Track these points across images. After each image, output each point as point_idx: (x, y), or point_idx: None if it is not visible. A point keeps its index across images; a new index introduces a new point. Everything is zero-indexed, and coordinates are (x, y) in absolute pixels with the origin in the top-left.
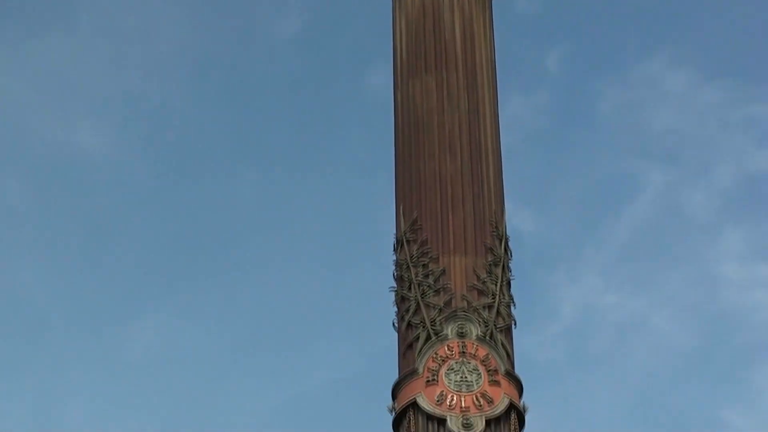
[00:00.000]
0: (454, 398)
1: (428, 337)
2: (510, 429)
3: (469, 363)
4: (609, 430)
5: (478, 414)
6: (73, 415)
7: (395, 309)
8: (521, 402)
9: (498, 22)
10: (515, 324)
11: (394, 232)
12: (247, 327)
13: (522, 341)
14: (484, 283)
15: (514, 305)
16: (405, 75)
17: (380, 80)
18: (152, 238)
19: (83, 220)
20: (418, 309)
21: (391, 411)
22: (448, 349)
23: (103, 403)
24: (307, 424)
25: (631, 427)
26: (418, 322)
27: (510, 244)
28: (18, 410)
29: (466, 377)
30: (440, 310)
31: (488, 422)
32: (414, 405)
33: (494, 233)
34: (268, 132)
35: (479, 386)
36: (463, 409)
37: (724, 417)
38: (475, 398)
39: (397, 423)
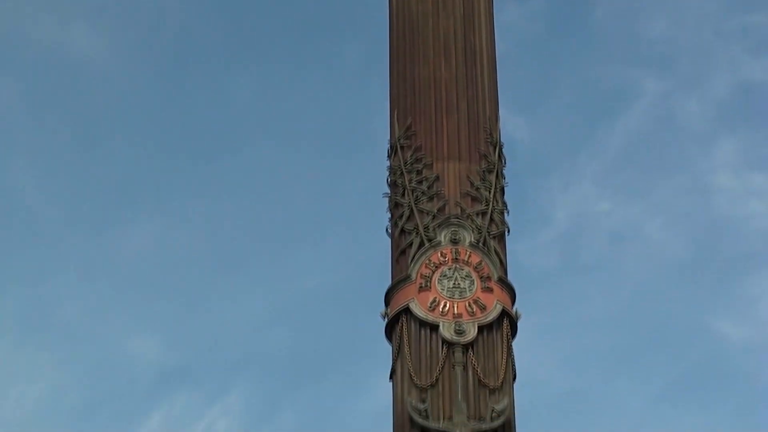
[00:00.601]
0: (447, 305)
1: (421, 244)
2: (502, 336)
3: (462, 269)
4: (601, 337)
5: (471, 320)
6: (66, 316)
7: (388, 215)
8: (514, 309)
9: None
10: (508, 231)
11: (388, 138)
12: (240, 231)
13: (515, 248)
14: (477, 189)
15: (508, 212)
16: None
17: None
18: (146, 141)
19: (77, 122)
20: (411, 215)
21: (384, 317)
22: (441, 256)
23: (96, 304)
24: (299, 330)
25: (623, 334)
26: (412, 228)
27: (504, 151)
28: (11, 310)
29: (458, 284)
30: (433, 216)
31: (480, 329)
32: (407, 311)
33: (488, 140)
34: (262, 36)
35: (472, 293)
36: (456, 315)
37: (716, 326)
38: (467, 305)
39: (389, 329)
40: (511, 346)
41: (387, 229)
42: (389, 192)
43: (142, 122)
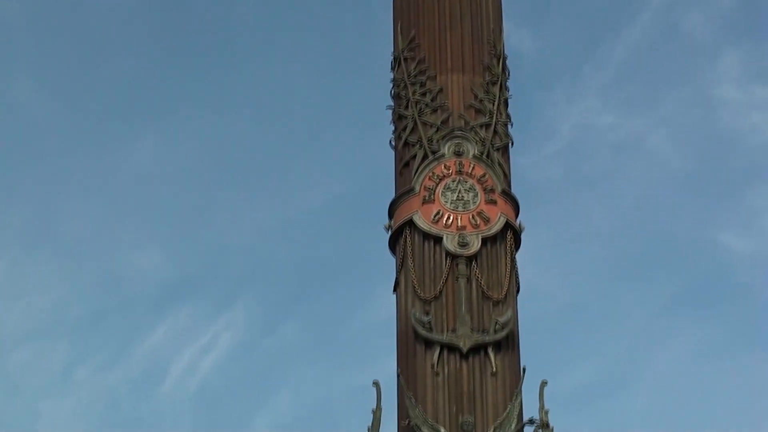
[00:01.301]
0: (451, 217)
1: (425, 156)
2: (506, 248)
3: (466, 182)
4: (604, 250)
5: (474, 233)
6: (70, 229)
7: (392, 128)
8: (517, 221)
9: None
10: (512, 143)
11: (392, 50)
12: (243, 144)
13: (519, 161)
14: (481, 101)
15: (511, 124)
16: None
17: None
18: (148, 57)
19: (79, 40)
20: (415, 127)
21: (388, 229)
22: (445, 168)
23: (101, 217)
24: (303, 242)
25: (626, 247)
26: (415, 140)
27: (507, 63)
28: (16, 224)
29: (462, 196)
30: (437, 128)
31: (484, 241)
32: (410, 223)
33: (492, 52)
34: None
35: (476, 205)
36: (459, 227)
37: (719, 238)
38: (471, 217)
39: (393, 241)
40: (514, 258)
41: (390, 142)
42: (393, 104)
43: (143, 38)
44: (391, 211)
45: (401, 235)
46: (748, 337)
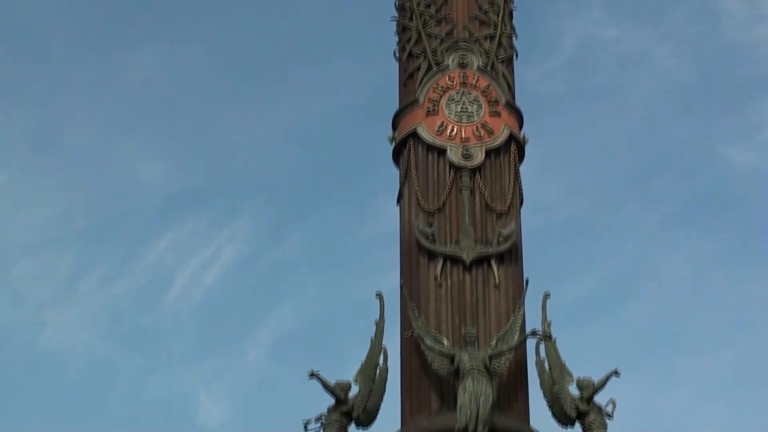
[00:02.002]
0: (455, 129)
1: (429, 68)
2: (510, 160)
3: (470, 94)
4: (608, 162)
5: (478, 144)
6: (73, 140)
7: (396, 39)
8: (521, 133)
9: None
10: (516, 55)
11: None
12: (248, 55)
13: (523, 73)
14: (486, 13)
15: (516, 36)
16: None
17: None
18: None
19: None
20: (419, 39)
21: (391, 141)
22: (449, 80)
23: (104, 128)
24: (307, 154)
25: (630, 160)
26: (420, 52)
27: None
28: (19, 135)
29: (466, 108)
30: (442, 40)
31: (488, 153)
32: (414, 135)
33: None
34: None
35: (480, 117)
36: (463, 139)
37: (723, 151)
38: (475, 129)
39: (396, 153)
40: (518, 170)
41: (395, 53)
42: (397, 15)
43: None
44: (395, 123)
45: (405, 146)
46: (751, 249)
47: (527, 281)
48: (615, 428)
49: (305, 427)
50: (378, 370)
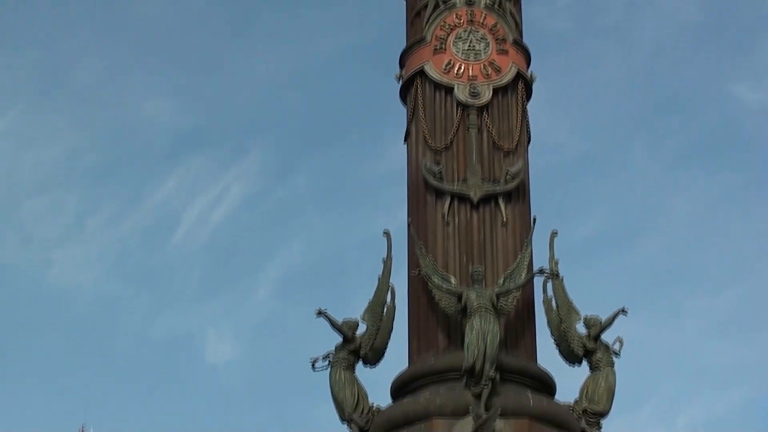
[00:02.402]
0: (462, 67)
1: (436, 5)
2: (517, 98)
3: (477, 31)
4: (616, 101)
5: (486, 83)
6: (81, 79)
7: None
8: (529, 71)
9: None
10: None
11: None
12: None
13: (530, 11)
14: None
15: None
16: None
17: None
18: None
19: None
20: None
21: (399, 79)
22: (456, 17)
23: (111, 67)
24: (314, 92)
25: (638, 98)
26: None
27: None
28: (26, 73)
29: (474, 46)
30: None
31: (495, 91)
32: (421, 73)
33: None
34: None
35: (487, 55)
36: (471, 77)
37: (731, 90)
38: (482, 67)
39: (404, 91)
40: (525, 108)
41: None
42: None
43: None
44: (402, 61)
45: (412, 85)
46: (759, 188)
47: (535, 219)
48: (622, 366)
49: (313, 366)
50: (385, 309)
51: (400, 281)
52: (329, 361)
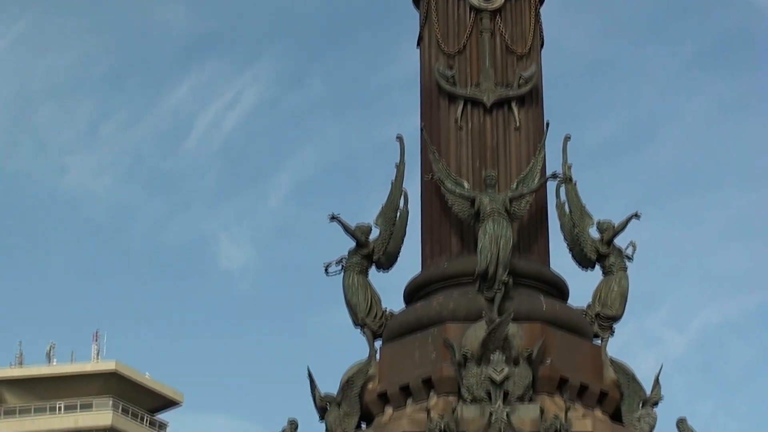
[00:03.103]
0: None
1: None
2: (530, 1)
3: None
4: (630, 4)
5: None
6: None
7: None
8: None
9: None
10: None
11: None
12: None
13: None
14: None
15: None
16: None
17: None
18: None
19: None
20: None
21: None
22: None
23: None
24: None
25: (654, 1)
26: None
27: None
28: None
29: None
30: None
31: None
32: None
33: None
34: None
35: None
36: None
37: None
38: None
39: None
40: (539, 12)
41: None
42: None
43: None
44: None
45: None
46: None
47: (548, 124)
48: (635, 270)
49: (326, 270)
50: (398, 213)
51: (413, 186)
52: (342, 265)
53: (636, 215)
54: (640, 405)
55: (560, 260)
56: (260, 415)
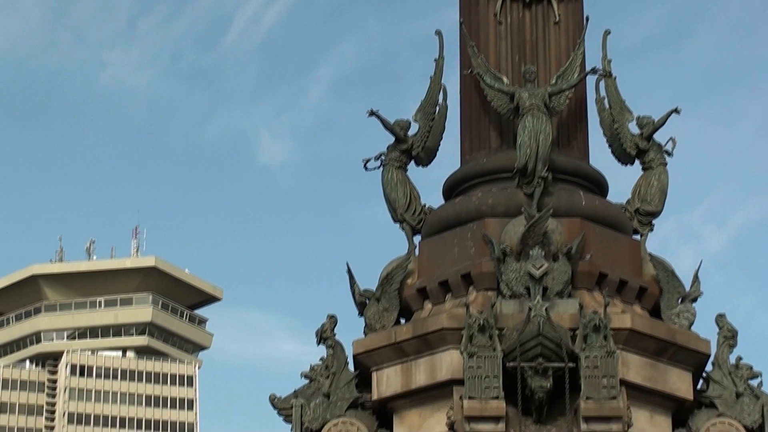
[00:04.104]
0: None
1: None
2: None
3: None
4: None
5: None
6: None
7: None
8: None
9: None
10: None
11: None
12: None
13: None
14: None
15: None
16: None
17: None
18: None
19: None
20: None
21: None
22: None
23: None
24: None
25: None
26: None
27: None
28: None
29: None
30: None
31: None
32: None
33: None
34: None
35: None
36: None
37: None
38: None
39: None
40: None
41: None
42: None
43: None
44: None
45: None
46: None
47: (587, 18)
48: (676, 167)
49: (365, 166)
50: (437, 109)
51: (452, 81)
52: (381, 161)
53: (676, 110)
54: (679, 301)
55: (600, 156)
56: (299, 311)
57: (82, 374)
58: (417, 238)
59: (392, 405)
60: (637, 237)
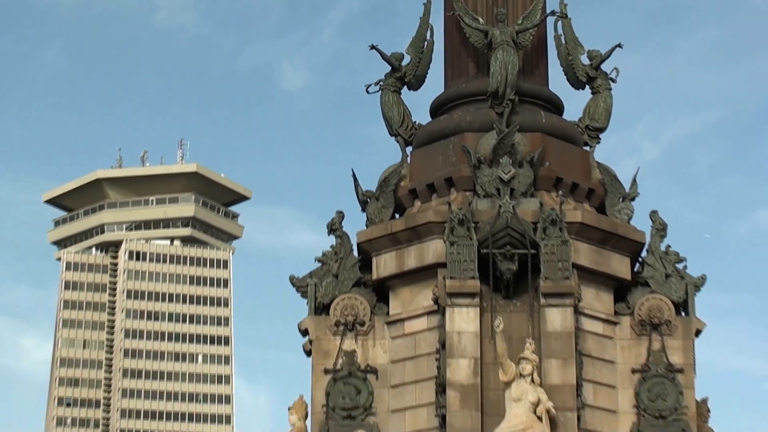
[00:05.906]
0: None
1: None
2: None
3: None
4: None
5: None
6: None
7: None
8: None
9: None
10: None
11: None
12: None
13: None
14: None
15: None
16: None
17: None
18: None
19: None
20: None
21: None
22: None
23: None
24: None
25: None
26: None
27: None
28: None
29: None
30: None
31: None
32: None
33: None
34: None
35: None
36: None
37: None
38: None
39: None
40: None
41: None
42: None
43: None
44: None
45: None
46: None
47: None
48: (618, 91)
49: (367, 90)
50: (425, 44)
51: (438, 21)
52: (380, 86)
53: (619, 45)
54: (621, 200)
55: (557, 82)
56: (314, 208)
57: (138, 259)
58: (409, 149)
59: (389, 283)
60: (587, 148)
